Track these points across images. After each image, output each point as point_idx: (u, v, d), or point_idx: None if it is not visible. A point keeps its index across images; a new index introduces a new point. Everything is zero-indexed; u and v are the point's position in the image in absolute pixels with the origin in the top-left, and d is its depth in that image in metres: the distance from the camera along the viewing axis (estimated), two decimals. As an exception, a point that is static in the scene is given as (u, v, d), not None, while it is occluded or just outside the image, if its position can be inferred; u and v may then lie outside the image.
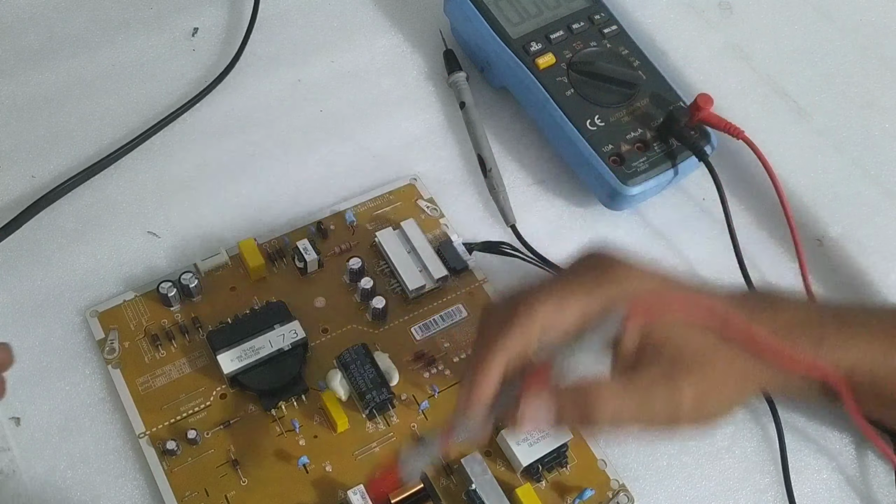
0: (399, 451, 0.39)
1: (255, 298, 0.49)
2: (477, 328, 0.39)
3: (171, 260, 0.51)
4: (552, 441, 0.44)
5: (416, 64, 0.61)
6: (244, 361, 0.45)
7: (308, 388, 0.46)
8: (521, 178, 0.56)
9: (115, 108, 0.56)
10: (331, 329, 0.48)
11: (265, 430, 0.45)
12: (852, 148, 0.59)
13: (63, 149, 0.54)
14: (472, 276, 0.51)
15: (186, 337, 0.47)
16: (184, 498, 0.43)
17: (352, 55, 0.61)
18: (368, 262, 0.50)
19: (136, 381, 0.46)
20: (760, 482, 0.47)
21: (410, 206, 0.53)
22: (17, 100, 0.56)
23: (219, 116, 0.57)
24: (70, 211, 0.52)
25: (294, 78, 0.59)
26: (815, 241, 0.55)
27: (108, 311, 0.48)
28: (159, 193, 0.53)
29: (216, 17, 0.62)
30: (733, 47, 0.64)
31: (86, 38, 0.59)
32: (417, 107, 0.59)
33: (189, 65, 0.59)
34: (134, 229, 0.52)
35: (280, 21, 0.62)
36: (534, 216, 0.55)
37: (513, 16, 0.57)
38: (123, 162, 0.54)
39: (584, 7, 0.58)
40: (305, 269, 0.50)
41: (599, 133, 0.53)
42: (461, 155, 0.57)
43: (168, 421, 0.45)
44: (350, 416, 0.45)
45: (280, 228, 0.52)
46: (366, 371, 0.45)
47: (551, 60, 0.55)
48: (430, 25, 0.62)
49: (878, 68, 0.64)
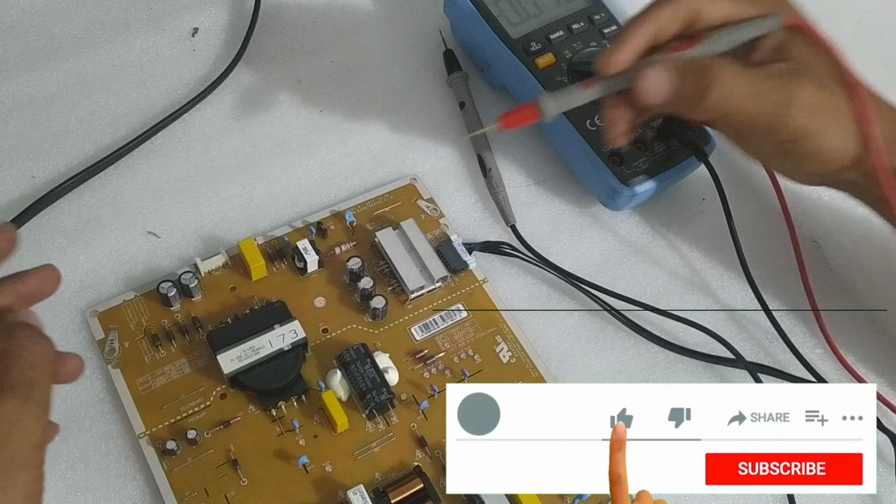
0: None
1: (255, 298, 0.49)
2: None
3: (171, 260, 0.51)
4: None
5: (416, 64, 0.61)
6: (244, 361, 0.45)
7: (308, 388, 0.46)
8: (521, 178, 0.56)
9: (116, 108, 0.56)
10: (331, 329, 0.48)
11: (265, 430, 0.45)
12: (852, 148, 0.59)
13: (63, 149, 0.54)
14: (472, 276, 0.51)
15: (186, 337, 0.47)
16: (184, 498, 0.43)
17: (352, 55, 0.61)
18: (368, 262, 0.50)
19: (135, 381, 0.46)
20: (760, 482, 0.47)
21: (410, 206, 0.54)
22: (17, 100, 0.56)
23: (219, 116, 0.57)
24: (70, 211, 0.52)
25: (294, 77, 0.59)
26: (813, 244, 0.55)
27: (107, 311, 0.48)
28: (159, 193, 0.53)
29: (216, 17, 0.62)
30: (733, 47, 0.63)
31: (86, 38, 0.59)
32: (417, 107, 0.59)
33: (189, 65, 0.59)
34: (134, 229, 0.52)
35: (280, 21, 0.62)
36: (534, 216, 0.55)
37: (513, 16, 0.57)
38: (123, 162, 0.54)
39: (584, 7, 0.58)
40: (305, 269, 0.50)
41: (599, 133, 0.53)
42: (461, 155, 0.57)
43: (168, 421, 0.45)
44: (350, 416, 0.45)
45: (280, 228, 0.52)
46: (366, 371, 0.46)
47: (551, 60, 0.55)
48: (430, 25, 0.62)
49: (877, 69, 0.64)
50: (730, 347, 0.49)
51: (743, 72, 0.40)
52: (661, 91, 0.40)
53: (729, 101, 0.39)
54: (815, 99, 0.40)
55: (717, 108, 0.40)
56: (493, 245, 0.52)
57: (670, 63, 0.40)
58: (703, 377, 0.49)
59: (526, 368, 0.48)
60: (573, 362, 0.49)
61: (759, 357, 0.50)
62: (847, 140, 0.42)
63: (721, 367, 0.50)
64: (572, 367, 0.49)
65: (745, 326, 0.51)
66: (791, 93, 0.40)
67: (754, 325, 0.51)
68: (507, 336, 0.49)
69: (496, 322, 0.50)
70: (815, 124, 0.41)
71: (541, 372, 0.48)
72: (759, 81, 0.40)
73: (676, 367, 0.50)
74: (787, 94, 0.40)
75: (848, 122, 0.42)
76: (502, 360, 0.48)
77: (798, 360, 0.49)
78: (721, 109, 0.40)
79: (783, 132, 0.40)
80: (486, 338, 0.49)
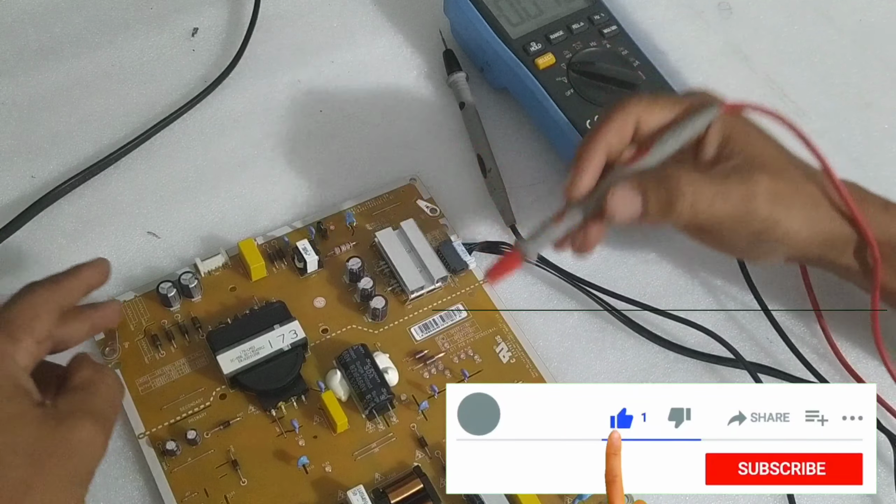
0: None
1: (254, 299, 0.49)
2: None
3: (170, 260, 0.51)
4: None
5: (416, 64, 0.61)
6: (244, 362, 0.45)
7: (308, 389, 0.46)
8: (521, 178, 0.56)
9: (115, 109, 0.56)
10: (330, 329, 0.48)
11: (265, 431, 0.45)
12: (852, 148, 0.59)
13: (63, 149, 0.54)
14: (471, 276, 0.51)
15: (186, 337, 0.47)
16: (183, 498, 0.43)
17: (352, 55, 0.61)
18: (368, 262, 0.50)
19: (135, 382, 0.46)
20: (760, 482, 0.47)
21: (410, 206, 0.53)
22: (17, 100, 0.56)
23: (219, 116, 0.57)
24: (70, 211, 0.52)
25: (294, 78, 0.59)
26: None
27: (107, 312, 0.48)
28: (159, 194, 0.53)
29: (216, 17, 0.62)
30: (733, 48, 0.64)
31: (86, 38, 0.59)
32: (417, 107, 0.59)
33: (189, 65, 0.59)
34: (134, 230, 0.52)
35: (280, 21, 0.62)
36: (533, 216, 0.55)
37: (512, 16, 0.57)
38: (123, 162, 0.54)
39: (584, 7, 0.58)
40: (305, 270, 0.50)
41: (599, 133, 0.53)
42: (461, 155, 0.57)
43: (168, 421, 0.45)
44: (350, 417, 0.45)
45: (280, 229, 0.52)
46: (365, 371, 0.46)
47: (551, 60, 0.55)
48: (430, 26, 0.62)
49: (877, 69, 0.64)
50: (730, 347, 0.49)
51: (701, 177, 0.42)
52: (631, 210, 0.42)
53: (695, 207, 0.41)
54: (774, 187, 0.42)
55: (686, 215, 0.41)
56: (492, 245, 0.52)
57: (634, 181, 0.42)
58: (703, 377, 0.49)
59: (526, 368, 0.48)
60: (573, 362, 0.49)
61: (759, 357, 0.50)
62: (811, 219, 0.43)
63: (721, 368, 0.49)
64: (572, 368, 0.49)
65: (744, 326, 0.51)
66: (750, 188, 0.42)
67: (754, 325, 0.51)
68: (507, 336, 0.49)
69: (496, 322, 0.50)
70: (779, 212, 0.42)
71: (541, 372, 0.48)
72: (718, 183, 0.42)
73: (676, 367, 0.50)
74: (747, 189, 0.42)
75: (808, 202, 0.43)
76: (502, 360, 0.48)
77: (798, 359, 0.49)
78: (689, 216, 0.42)
79: (752, 224, 0.42)
80: (485, 338, 0.49)
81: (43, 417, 0.36)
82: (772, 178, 0.42)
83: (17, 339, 0.37)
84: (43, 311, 0.38)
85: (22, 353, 0.37)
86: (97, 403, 0.38)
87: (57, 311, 0.39)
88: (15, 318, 0.38)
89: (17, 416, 0.35)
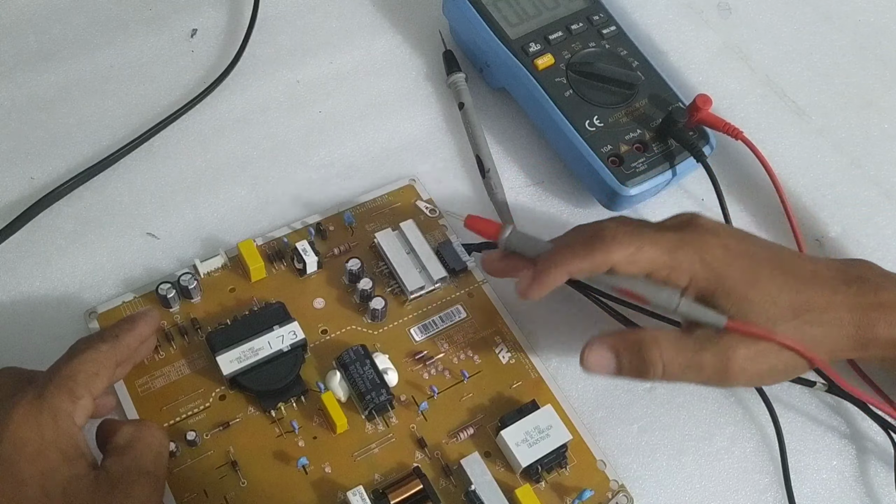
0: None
1: (254, 299, 0.49)
2: (564, 235, 0.44)
3: (170, 261, 0.51)
4: (552, 442, 0.44)
5: (415, 65, 0.61)
6: (243, 363, 0.45)
7: (307, 389, 0.46)
8: (520, 178, 0.56)
9: (115, 110, 0.56)
10: (330, 330, 0.48)
11: (264, 432, 0.45)
12: (851, 148, 0.59)
13: (62, 150, 0.54)
14: (471, 276, 0.51)
15: (185, 338, 0.47)
16: (183, 499, 0.43)
17: (351, 56, 0.61)
18: (367, 262, 0.50)
19: (135, 383, 0.46)
20: (760, 482, 0.47)
21: (409, 206, 0.53)
22: (17, 101, 0.56)
23: (218, 117, 0.57)
24: (69, 212, 0.52)
25: (293, 79, 0.59)
26: (815, 242, 0.55)
27: (107, 313, 0.48)
28: (158, 195, 0.53)
29: (215, 18, 0.62)
30: (732, 48, 0.64)
31: (85, 39, 0.59)
32: (416, 108, 0.59)
33: (188, 66, 0.59)
34: (133, 231, 0.52)
35: (279, 22, 0.62)
36: (532, 217, 0.55)
37: (511, 17, 0.57)
38: (123, 163, 0.54)
39: (583, 8, 0.58)
40: (304, 270, 0.50)
41: (598, 134, 0.53)
42: (460, 156, 0.57)
43: (167, 422, 0.45)
44: (349, 418, 0.45)
45: (279, 229, 0.52)
46: (365, 372, 0.46)
47: (550, 61, 0.55)
48: (429, 26, 0.62)
49: (876, 68, 0.64)
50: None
51: (677, 344, 0.41)
52: (605, 369, 0.42)
53: (668, 374, 0.41)
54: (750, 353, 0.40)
55: (660, 379, 0.41)
56: (491, 246, 0.52)
57: (608, 342, 0.42)
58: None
59: (525, 369, 0.48)
60: (573, 362, 0.49)
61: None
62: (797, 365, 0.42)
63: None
64: (572, 368, 0.49)
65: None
66: (725, 363, 0.40)
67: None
68: (507, 337, 0.49)
69: (495, 322, 0.50)
70: (757, 377, 0.42)
71: (540, 372, 0.48)
72: (694, 353, 0.40)
73: (676, 367, 0.50)
74: (721, 362, 0.40)
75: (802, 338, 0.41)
76: (502, 360, 0.48)
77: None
78: (664, 379, 0.41)
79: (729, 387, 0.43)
80: (485, 338, 0.49)
81: (97, 482, 0.35)
82: (748, 350, 0.40)
83: (77, 398, 0.36)
84: (103, 367, 0.38)
85: (80, 412, 0.36)
86: (145, 463, 0.37)
87: (115, 368, 0.39)
88: (76, 375, 0.37)
89: (75, 479, 0.35)
